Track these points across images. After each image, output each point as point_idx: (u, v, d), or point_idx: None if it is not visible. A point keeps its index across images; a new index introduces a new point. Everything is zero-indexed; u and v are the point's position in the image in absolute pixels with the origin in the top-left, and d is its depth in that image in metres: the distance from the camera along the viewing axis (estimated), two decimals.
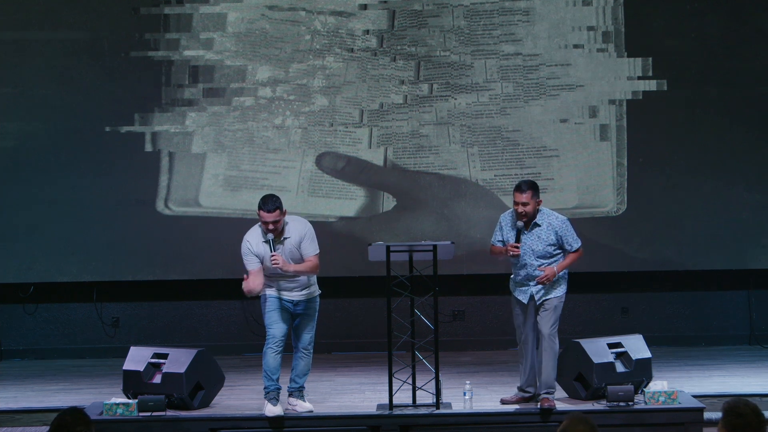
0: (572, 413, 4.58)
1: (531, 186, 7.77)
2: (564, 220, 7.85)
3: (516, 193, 7.76)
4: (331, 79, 10.72)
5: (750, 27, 10.76)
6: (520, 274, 7.86)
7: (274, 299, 7.74)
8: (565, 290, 7.88)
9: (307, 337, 7.81)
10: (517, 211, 7.74)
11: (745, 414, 4.54)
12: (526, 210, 7.70)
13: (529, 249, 7.76)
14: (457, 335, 10.98)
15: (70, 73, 10.68)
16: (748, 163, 10.77)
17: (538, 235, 7.76)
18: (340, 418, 7.83)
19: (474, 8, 10.73)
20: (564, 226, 7.81)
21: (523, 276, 7.84)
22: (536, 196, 7.75)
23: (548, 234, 7.75)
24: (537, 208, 7.77)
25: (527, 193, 7.70)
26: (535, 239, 7.76)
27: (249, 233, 7.77)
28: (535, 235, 7.76)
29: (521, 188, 7.75)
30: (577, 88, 10.72)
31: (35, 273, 10.71)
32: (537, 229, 7.77)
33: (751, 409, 4.57)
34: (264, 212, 7.57)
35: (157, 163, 10.69)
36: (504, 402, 8.02)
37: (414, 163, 10.76)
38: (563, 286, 7.87)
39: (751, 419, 4.53)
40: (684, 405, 7.76)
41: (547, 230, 7.76)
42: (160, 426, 7.70)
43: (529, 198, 7.70)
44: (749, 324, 11.02)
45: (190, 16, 10.71)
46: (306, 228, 7.74)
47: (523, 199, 7.70)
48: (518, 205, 7.72)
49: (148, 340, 10.49)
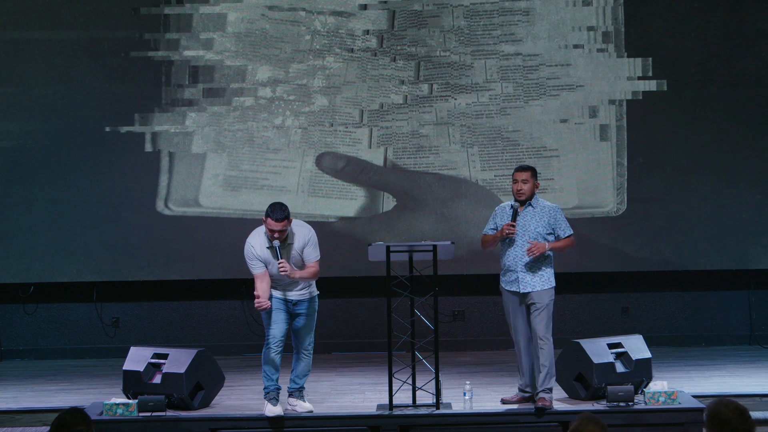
0: (583, 413, 4.49)
1: (531, 168, 7.93)
2: (556, 208, 7.97)
3: (516, 171, 7.89)
4: (331, 79, 10.72)
5: (750, 27, 10.76)
6: (509, 255, 7.85)
7: (272, 299, 7.73)
8: (553, 284, 7.85)
9: (307, 337, 7.81)
10: (515, 189, 7.84)
11: (729, 420, 4.34)
12: (525, 188, 7.80)
13: (522, 229, 7.81)
14: (457, 335, 10.98)
15: (70, 73, 10.68)
16: (748, 163, 10.78)
17: (532, 216, 7.83)
18: (340, 418, 7.83)
19: (474, 8, 10.73)
20: (556, 212, 7.92)
21: (512, 259, 7.82)
22: (535, 178, 7.88)
23: (541, 216, 7.84)
24: (534, 192, 7.87)
25: (527, 171, 7.86)
26: (529, 219, 7.83)
27: (252, 237, 7.73)
28: (528, 216, 7.83)
29: (522, 167, 7.93)
30: (577, 88, 10.72)
31: (35, 273, 10.71)
32: (531, 209, 7.84)
33: (733, 410, 4.36)
34: (272, 221, 7.52)
35: (157, 163, 10.70)
36: (505, 402, 8.03)
37: (414, 163, 10.77)
38: (550, 278, 7.84)
39: (737, 424, 4.34)
40: (684, 405, 7.76)
41: (541, 212, 7.85)
42: (160, 426, 7.70)
43: (529, 177, 7.84)
44: (749, 324, 11.02)
45: (190, 16, 10.71)
46: (310, 234, 7.73)
47: (523, 176, 7.84)
48: (517, 183, 7.84)
49: (148, 340, 10.51)
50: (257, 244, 7.66)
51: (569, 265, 10.37)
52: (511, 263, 7.85)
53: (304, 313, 7.78)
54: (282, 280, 7.67)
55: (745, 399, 7.92)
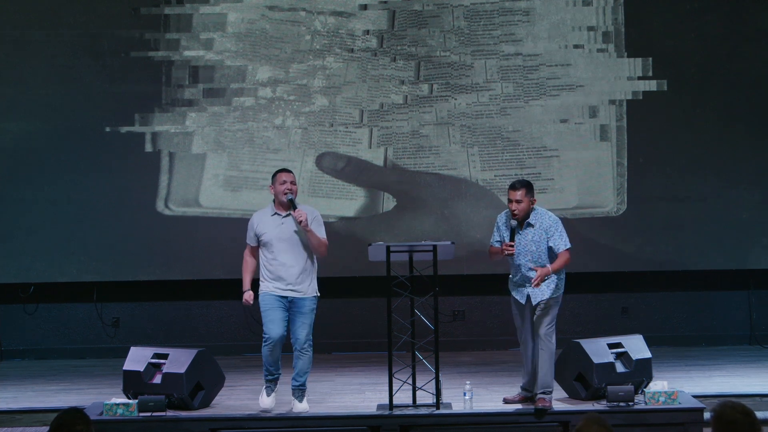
0: (588, 414, 4.48)
1: (525, 184, 7.80)
2: (555, 220, 7.84)
3: (510, 191, 7.79)
4: (331, 80, 10.73)
5: (750, 27, 10.76)
6: (516, 274, 7.87)
7: (268, 297, 7.74)
8: (562, 291, 7.86)
9: (303, 334, 7.75)
10: (510, 208, 7.76)
11: (736, 420, 4.34)
12: (519, 208, 7.73)
13: (523, 249, 7.76)
14: (457, 335, 10.98)
15: (70, 73, 10.68)
16: (748, 163, 10.78)
17: (531, 236, 7.76)
18: (340, 418, 7.82)
19: (474, 8, 10.73)
20: (554, 225, 7.79)
21: (518, 277, 7.85)
22: (530, 195, 7.77)
23: (540, 235, 7.75)
24: (531, 207, 7.79)
25: (521, 190, 7.74)
26: (528, 241, 7.76)
27: (257, 211, 7.99)
28: (528, 236, 7.77)
29: (515, 186, 7.79)
30: (577, 88, 10.72)
31: (35, 273, 10.71)
32: (530, 229, 7.77)
33: (740, 412, 4.36)
34: (283, 173, 7.81)
35: (157, 163, 10.70)
36: (507, 401, 8.02)
37: (414, 163, 10.77)
38: (559, 286, 7.84)
39: (743, 424, 4.33)
40: (684, 405, 7.76)
41: (539, 231, 7.76)
42: (160, 426, 7.69)
43: (523, 196, 7.73)
44: (749, 324, 11.02)
45: (190, 16, 10.71)
46: (316, 212, 7.91)
47: (516, 196, 7.73)
48: (512, 203, 7.75)
49: (148, 340, 10.50)
50: (257, 216, 7.91)
51: (569, 265, 10.37)
52: (519, 280, 7.85)
53: (299, 311, 7.75)
54: (282, 263, 7.67)
55: (745, 399, 7.92)
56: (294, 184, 7.80)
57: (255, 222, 7.85)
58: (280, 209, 7.80)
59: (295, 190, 7.80)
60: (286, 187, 7.74)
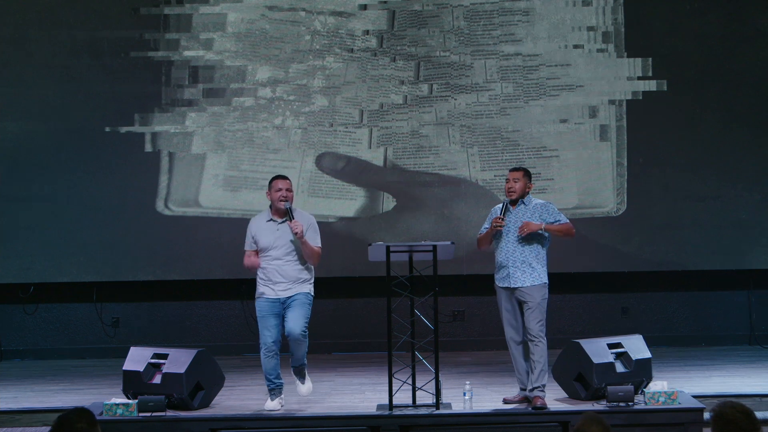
0: (586, 413, 4.48)
1: (524, 169, 8.02)
2: (548, 203, 8.01)
3: (510, 171, 8.01)
4: (331, 80, 10.72)
5: (750, 27, 10.76)
6: (501, 251, 7.88)
7: (262, 304, 7.74)
8: (545, 281, 7.84)
9: (299, 327, 7.65)
10: (507, 187, 7.94)
11: (736, 420, 4.34)
12: (515, 187, 7.89)
13: (513, 227, 7.84)
14: (457, 335, 10.98)
15: (69, 73, 10.68)
16: (748, 163, 10.78)
17: (524, 212, 7.86)
18: (340, 418, 7.82)
19: (474, 8, 10.73)
20: (548, 206, 7.95)
21: (503, 255, 7.85)
22: (527, 179, 7.94)
23: (533, 213, 7.88)
24: (526, 192, 7.91)
25: (520, 172, 7.96)
26: (520, 216, 7.85)
27: (254, 217, 7.97)
28: (520, 213, 7.87)
29: (515, 167, 8.09)
30: (577, 88, 10.72)
31: (35, 273, 10.72)
32: (522, 207, 7.91)
33: (740, 411, 4.36)
34: (279, 180, 7.77)
35: (157, 163, 10.70)
36: (507, 401, 8.02)
37: (414, 163, 10.77)
38: (542, 275, 7.83)
39: (743, 424, 4.34)
40: (684, 405, 7.75)
41: (533, 210, 7.88)
42: (160, 426, 7.69)
43: (521, 177, 7.92)
44: (749, 324, 11.02)
45: (190, 16, 10.71)
46: (311, 219, 7.88)
47: (515, 175, 7.94)
48: (509, 181, 7.93)
49: (148, 340, 10.49)
50: (256, 219, 7.88)
51: (569, 265, 10.39)
52: (503, 259, 7.88)
53: (295, 303, 7.69)
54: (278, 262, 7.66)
55: (745, 399, 7.92)
56: (290, 191, 7.76)
57: (253, 229, 7.82)
58: (276, 215, 7.79)
59: (291, 197, 7.76)
60: (281, 194, 7.72)
